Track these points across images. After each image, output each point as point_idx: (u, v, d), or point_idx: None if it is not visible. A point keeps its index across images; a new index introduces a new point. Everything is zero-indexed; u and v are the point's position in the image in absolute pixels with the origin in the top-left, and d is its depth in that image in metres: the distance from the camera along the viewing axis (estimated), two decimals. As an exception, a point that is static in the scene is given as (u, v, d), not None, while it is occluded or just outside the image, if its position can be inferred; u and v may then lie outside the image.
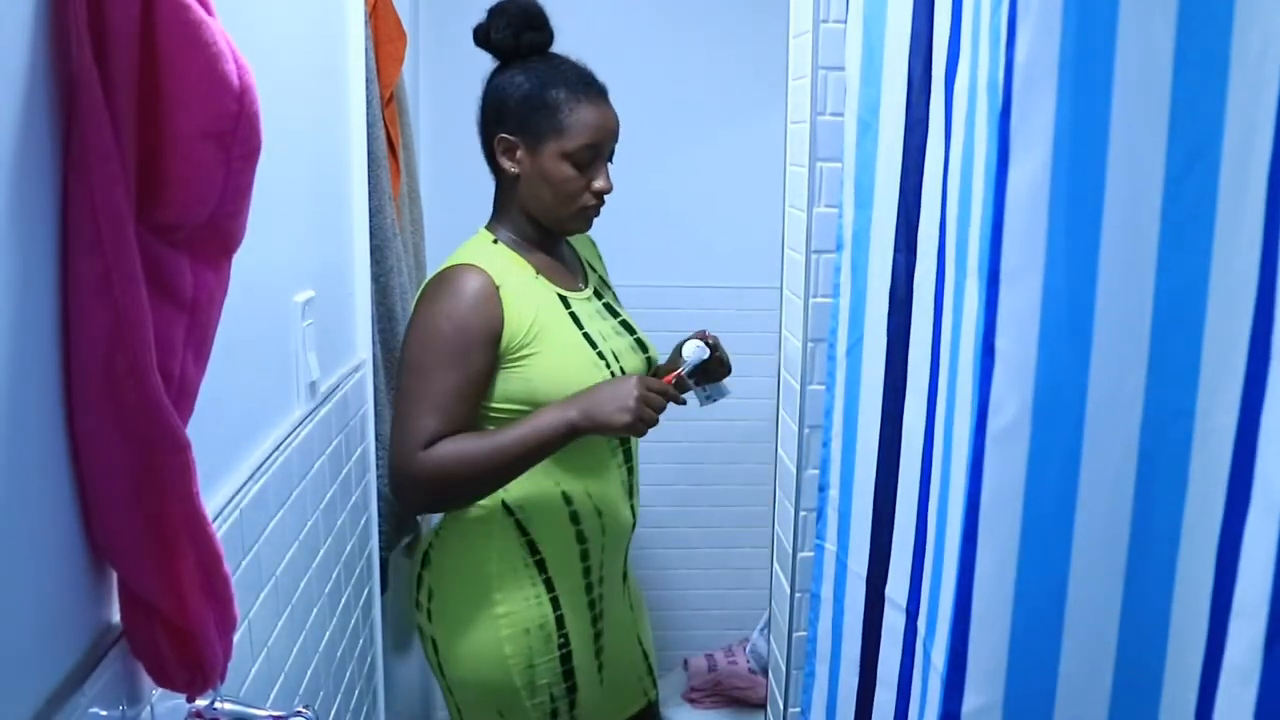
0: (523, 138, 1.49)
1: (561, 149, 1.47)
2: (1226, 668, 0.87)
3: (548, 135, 1.47)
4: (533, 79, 1.49)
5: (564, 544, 1.54)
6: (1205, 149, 0.90)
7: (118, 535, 0.64)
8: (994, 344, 0.96)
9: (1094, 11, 0.89)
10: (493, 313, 1.43)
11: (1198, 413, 0.93)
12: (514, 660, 1.52)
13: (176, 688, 0.70)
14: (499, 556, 1.52)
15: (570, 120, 1.47)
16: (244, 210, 0.68)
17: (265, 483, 1.01)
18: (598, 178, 1.50)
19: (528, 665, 1.53)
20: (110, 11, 0.55)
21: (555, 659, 1.55)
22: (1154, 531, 0.96)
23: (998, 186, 0.93)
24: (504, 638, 1.52)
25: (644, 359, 1.63)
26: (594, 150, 1.48)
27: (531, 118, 1.48)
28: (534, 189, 1.50)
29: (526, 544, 1.52)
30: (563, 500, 1.52)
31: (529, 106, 1.48)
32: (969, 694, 1.00)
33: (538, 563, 1.53)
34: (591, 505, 1.54)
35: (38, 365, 0.58)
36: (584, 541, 1.55)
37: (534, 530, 1.52)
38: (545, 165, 1.48)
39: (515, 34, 1.51)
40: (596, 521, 1.55)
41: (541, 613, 1.53)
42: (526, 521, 1.52)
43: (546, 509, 1.52)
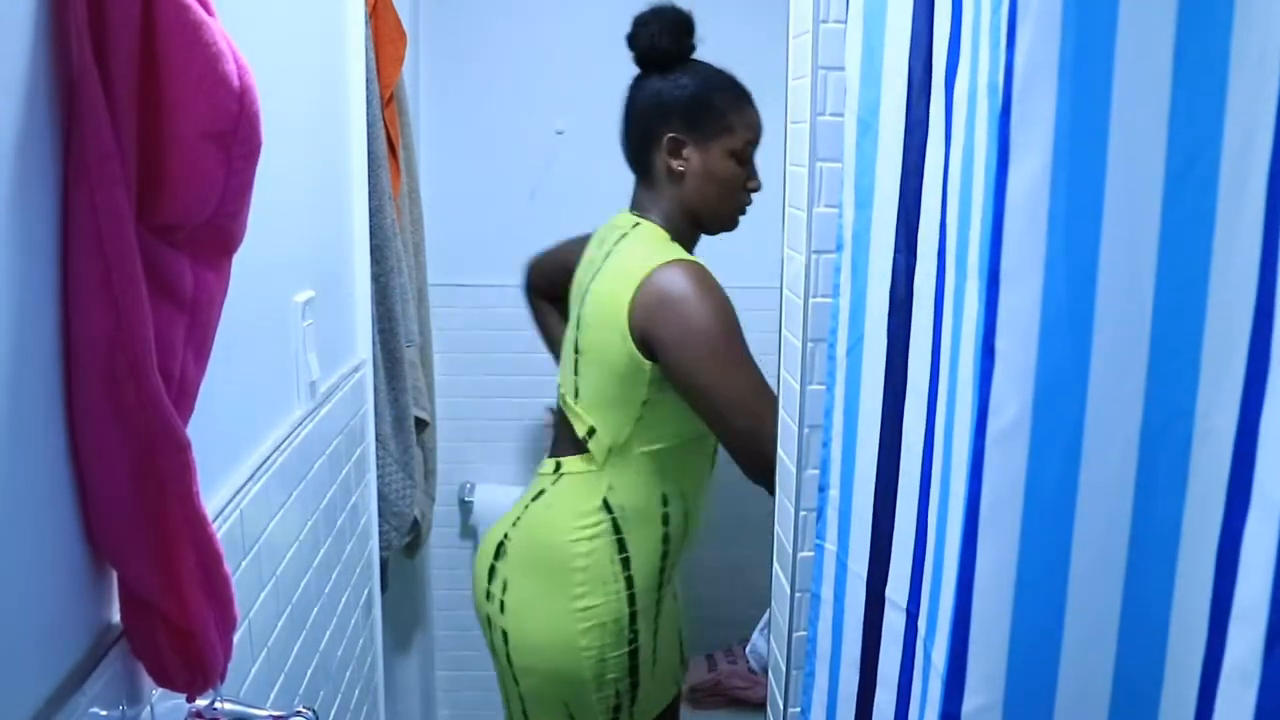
0: (691, 136, 1.59)
1: (729, 147, 1.59)
2: (1226, 670, 0.87)
3: (717, 134, 1.59)
4: (697, 82, 1.61)
5: (650, 545, 1.62)
6: (1205, 149, 0.89)
7: (118, 535, 0.64)
8: (994, 344, 0.96)
9: (1094, 12, 0.89)
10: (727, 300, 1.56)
11: (1198, 413, 0.93)
12: (587, 653, 1.58)
13: (177, 688, 0.70)
14: (589, 552, 1.58)
15: (736, 120, 1.59)
16: (244, 210, 0.68)
17: (265, 483, 1.01)
18: (753, 176, 1.63)
19: (599, 659, 1.59)
20: (110, 11, 0.55)
21: (625, 654, 1.61)
22: (1154, 532, 0.96)
23: (998, 187, 0.93)
24: (580, 630, 1.58)
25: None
26: (752, 148, 1.62)
27: (701, 117, 1.59)
28: (700, 186, 1.61)
29: (617, 542, 1.59)
30: (660, 503, 1.61)
31: (698, 107, 1.59)
32: (969, 694, 1.00)
33: (624, 560, 1.60)
34: (683, 509, 1.63)
35: (38, 365, 0.58)
36: (667, 543, 1.63)
37: (628, 531, 1.59)
38: (713, 163, 1.59)
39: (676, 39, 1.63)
40: (682, 525, 1.64)
41: (620, 609, 1.59)
42: (623, 521, 1.59)
43: (644, 512, 1.60)
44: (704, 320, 1.49)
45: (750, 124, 1.60)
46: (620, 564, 1.59)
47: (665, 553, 1.63)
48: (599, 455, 1.59)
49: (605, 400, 1.60)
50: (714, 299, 1.51)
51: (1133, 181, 0.91)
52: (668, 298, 1.49)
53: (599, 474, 1.60)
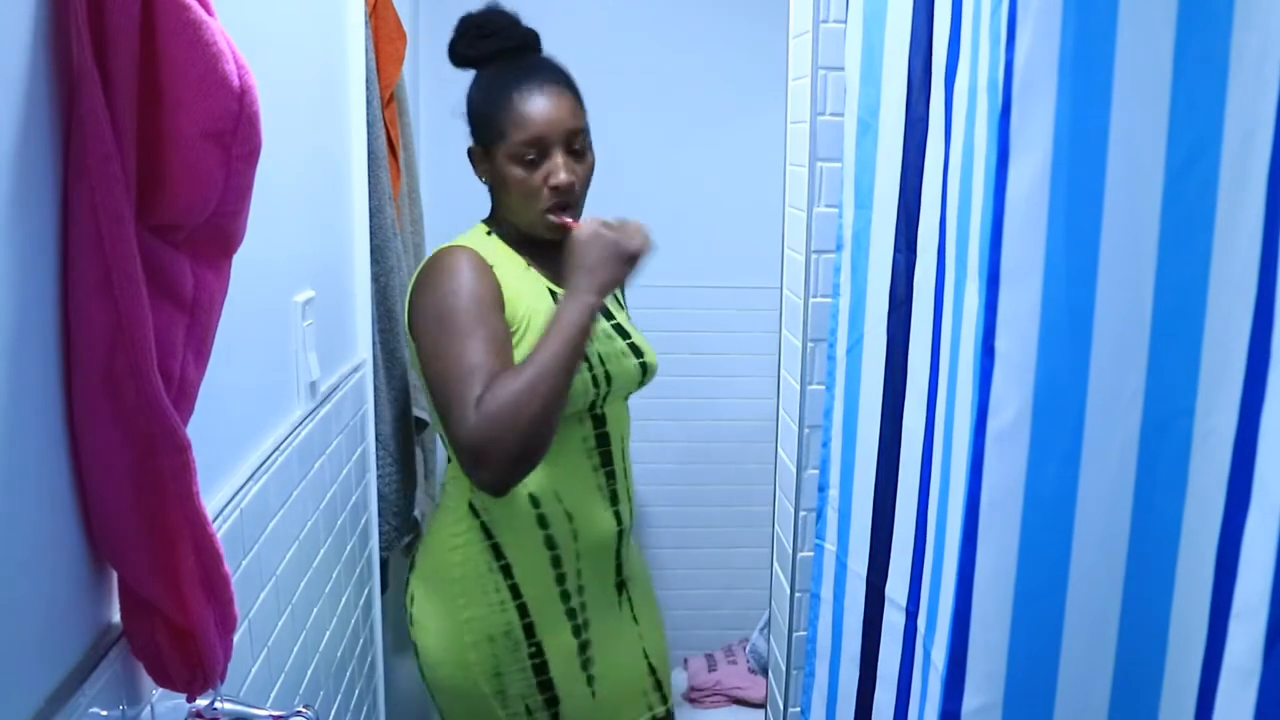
0: (482, 146, 1.48)
1: (507, 152, 1.43)
2: (1226, 668, 0.87)
3: (495, 140, 1.45)
4: (482, 87, 1.49)
5: (531, 549, 1.49)
6: (1205, 149, 0.90)
7: (118, 535, 0.64)
8: (994, 344, 0.96)
9: (1094, 11, 0.89)
10: (492, 281, 1.41)
11: (1197, 413, 0.93)
12: (479, 667, 1.48)
13: (177, 687, 0.70)
14: (464, 560, 1.49)
15: (508, 121, 1.43)
16: (244, 210, 0.68)
17: (265, 483, 1.01)
18: (554, 172, 1.43)
19: (494, 673, 1.49)
20: (110, 12, 0.55)
21: (527, 669, 1.50)
22: (1154, 531, 0.96)
23: (998, 186, 0.94)
24: (468, 644, 1.48)
25: (637, 364, 1.57)
26: (538, 145, 1.42)
27: (483, 126, 1.47)
28: (501, 196, 1.49)
29: (491, 548, 1.48)
30: (529, 503, 1.47)
31: (479, 115, 1.48)
32: (969, 694, 1.00)
33: (503, 568, 1.48)
34: (561, 509, 1.49)
35: (38, 365, 0.58)
36: (554, 548, 1.49)
37: (498, 534, 1.48)
38: (500, 171, 1.45)
39: (470, 44, 1.51)
40: (566, 526, 1.50)
41: (506, 619, 1.48)
42: (492, 525, 1.48)
43: (512, 512, 1.47)
44: (430, 297, 1.40)
45: (526, 118, 1.42)
46: (500, 572, 1.48)
47: (556, 559, 1.50)
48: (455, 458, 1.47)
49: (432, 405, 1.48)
50: (449, 279, 1.39)
51: (1133, 180, 0.91)
52: (417, 284, 1.44)
53: (461, 478, 1.47)
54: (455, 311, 1.37)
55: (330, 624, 1.29)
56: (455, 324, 1.36)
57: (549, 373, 1.29)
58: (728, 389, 2.61)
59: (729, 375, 2.60)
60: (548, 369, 1.30)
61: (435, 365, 1.36)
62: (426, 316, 1.39)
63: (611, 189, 1.82)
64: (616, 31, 2.46)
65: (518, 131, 1.42)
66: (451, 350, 1.34)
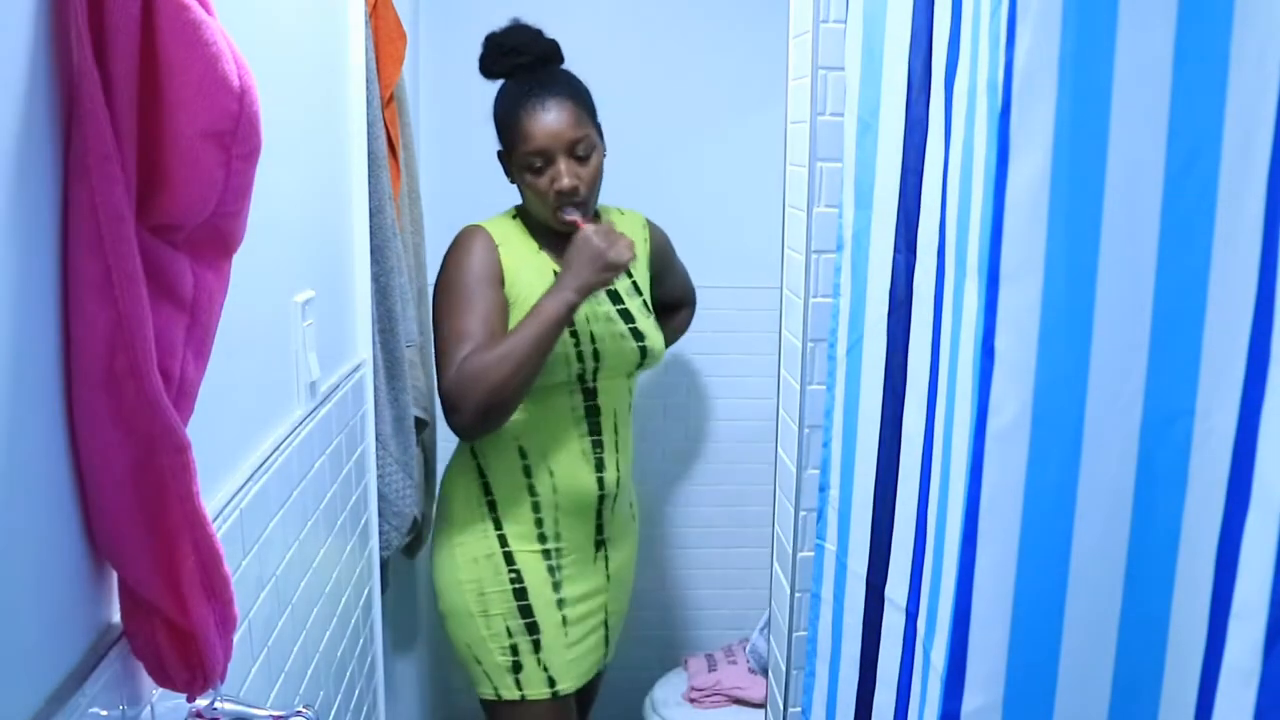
0: (508, 154, 1.71)
1: (519, 161, 1.67)
2: (1226, 669, 0.87)
3: (510, 149, 1.69)
4: (499, 101, 1.72)
5: (515, 492, 1.74)
6: (1205, 149, 0.90)
7: (118, 535, 0.64)
8: (994, 344, 0.96)
9: (1094, 12, 0.89)
10: (492, 259, 1.69)
11: (1197, 413, 0.93)
12: (468, 585, 1.74)
13: (177, 688, 0.70)
14: (458, 495, 1.77)
15: (518, 134, 1.66)
16: (244, 210, 0.68)
17: (265, 483, 1.01)
18: (557, 179, 1.65)
19: (479, 593, 1.73)
20: (110, 11, 0.55)
21: (508, 592, 1.73)
22: (1154, 532, 0.96)
23: (998, 186, 0.93)
24: (459, 564, 1.75)
25: (636, 347, 1.78)
26: (543, 156, 1.65)
27: (500, 135, 1.71)
28: (522, 194, 1.73)
29: (482, 485, 1.75)
30: (518, 454, 1.74)
31: (499, 126, 1.72)
32: (969, 694, 1.00)
33: (489, 503, 1.75)
34: (545, 466, 1.74)
35: (38, 365, 0.58)
36: (534, 495, 1.74)
37: (489, 475, 1.75)
38: (516, 175, 1.71)
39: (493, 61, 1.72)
40: (549, 481, 1.74)
41: (488, 544, 1.74)
42: (485, 467, 1.75)
43: (502, 460, 1.74)
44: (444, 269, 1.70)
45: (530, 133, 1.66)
46: (486, 505, 1.75)
47: (536, 504, 1.74)
48: None
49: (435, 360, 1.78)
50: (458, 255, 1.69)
51: (1133, 181, 0.91)
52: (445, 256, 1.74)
53: None
54: (459, 284, 1.67)
55: (330, 624, 1.29)
56: (457, 295, 1.66)
57: (517, 351, 1.58)
58: (728, 389, 2.61)
59: (729, 375, 2.60)
60: (517, 348, 1.59)
61: (439, 329, 1.68)
62: (439, 287, 1.71)
63: (612, 189, 1.82)
64: (616, 31, 2.46)
65: (525, 144, 1.66)
66: (451, 316, 1.66)
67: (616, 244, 1.62)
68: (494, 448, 1.74)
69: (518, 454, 1.74)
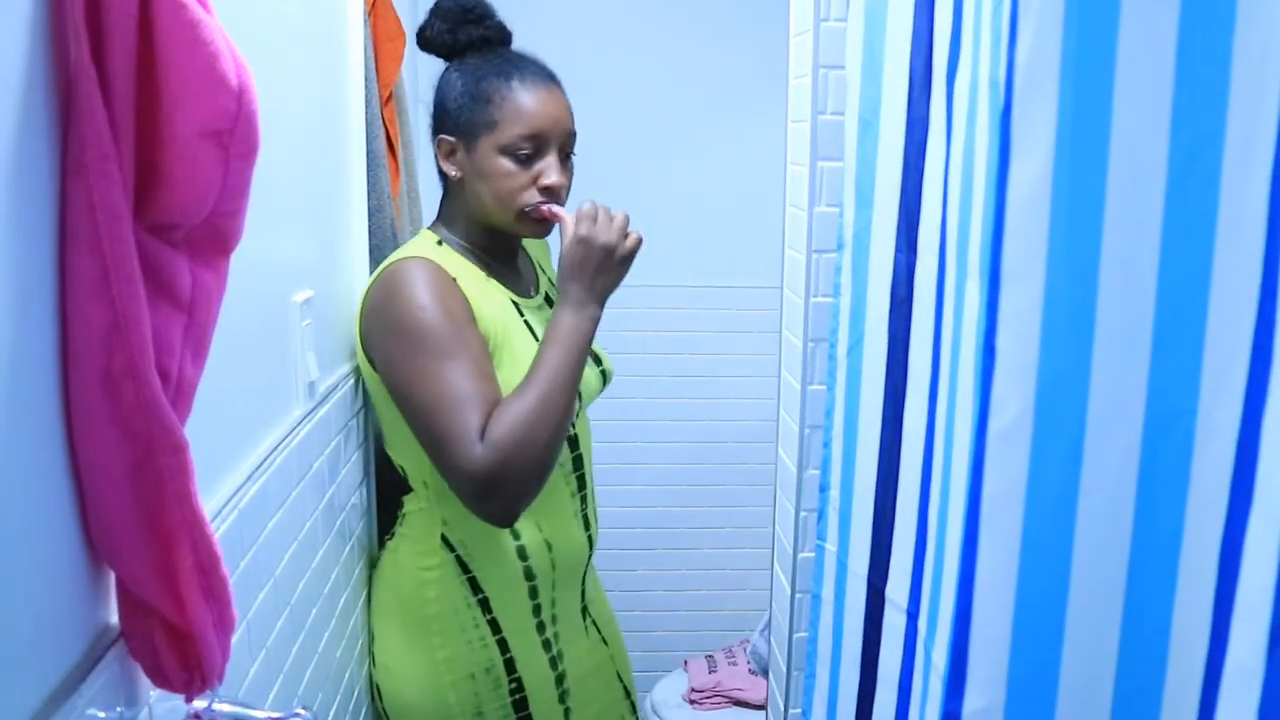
0: (460, 137, 1.39)
1: (496, 142, 1.35)
2: (1229, 669, 0.87)
3: (481, 130, 1.36)
4: (467, 74, 1.40)
5: (510, 582, 1.41)
6: (1207, 148, 0.89)
7: (116, 536, 0.64)
8: (995, 344, 0.95)
9: (1095, 10, 0.89)
10: (459, 296, 1.32)
11: (1199, 412, 0.93)
12: (460, 708, 1.41)
13: (175, 689, 0.70)
14: (438, 597, 1.40)
15: (504, 111, 1.35)
16: (242, 210, 0.67)
17: (264, 483, 1.01)
18: (547, 172, 1.36)
19: (476, 713, 1.41)
20: (108, 10, 0.55)
21: (508, 705, 1.42)
22: (1155, 532, 0.96)
23: (999, 186, 0.93)
24: (447, 685, 1.40)
25: (598, 372, 1.49)
26: (535, 141, 1.36)
27: (466, 114, 1.37)
28: (475, 190, 1.39)
29: (468, 582, 1.40)
30: (511, 535, 1.39)
31: (463, 103, 1.38)
32: (970, 695, 1.00)
33: (481, 602, 1.40)
34: (541, 539, 1.42)
35: (35, 365, 0.58)
36: (532, 579, 1.42)
37: (476, 568, 1.40)
38: (482, 164, 1.36)
39: (451, 30, 1.42)
40: (546, 557, 1.42)
41: (487, 656, 1.40)
42: (468, 558, 1.40)
43: (490, 544, 1.39)
44: (393, 317, 1.30)
45: (526, 112, 1.35)
46: (478, 607, 1.40)
47: (533, 590, 1.42)
48: (420, 491, 1.42)
49: (393, 432, 1.41)
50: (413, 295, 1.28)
51: (1135, 180, 0.91)
52: (374, 303, 1.34)
53: (431, 509, 1.41)
54: (429, 333, 1.26)
55: (329, 624, 1.29)
56: (431, 347, 1.26)
57: (556, 390, 1.25)
58: (728, 389, 2.61)
59: (729, 375, 2.60)
60: (556, 386, 1.25)
61: (417, 396, 1.26)
62: (394, 342, 1.29)
63: (612, 189, 1.81)
64: (616, 31, 2.46)
65: (514, 124, 1.35)
66: (436, 377, 1.25)
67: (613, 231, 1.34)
68: (474, 529, 1.37)
69: (510, 535, 1.39)
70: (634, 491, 2.63)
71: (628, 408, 2.53)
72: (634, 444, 2.60)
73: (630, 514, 2.64)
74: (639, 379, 2.54)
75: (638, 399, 2.55)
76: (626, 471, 2.61)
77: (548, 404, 1.24)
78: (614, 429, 1.82)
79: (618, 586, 2.68)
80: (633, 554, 2.68)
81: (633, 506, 2.64)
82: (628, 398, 2.42)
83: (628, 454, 2.59)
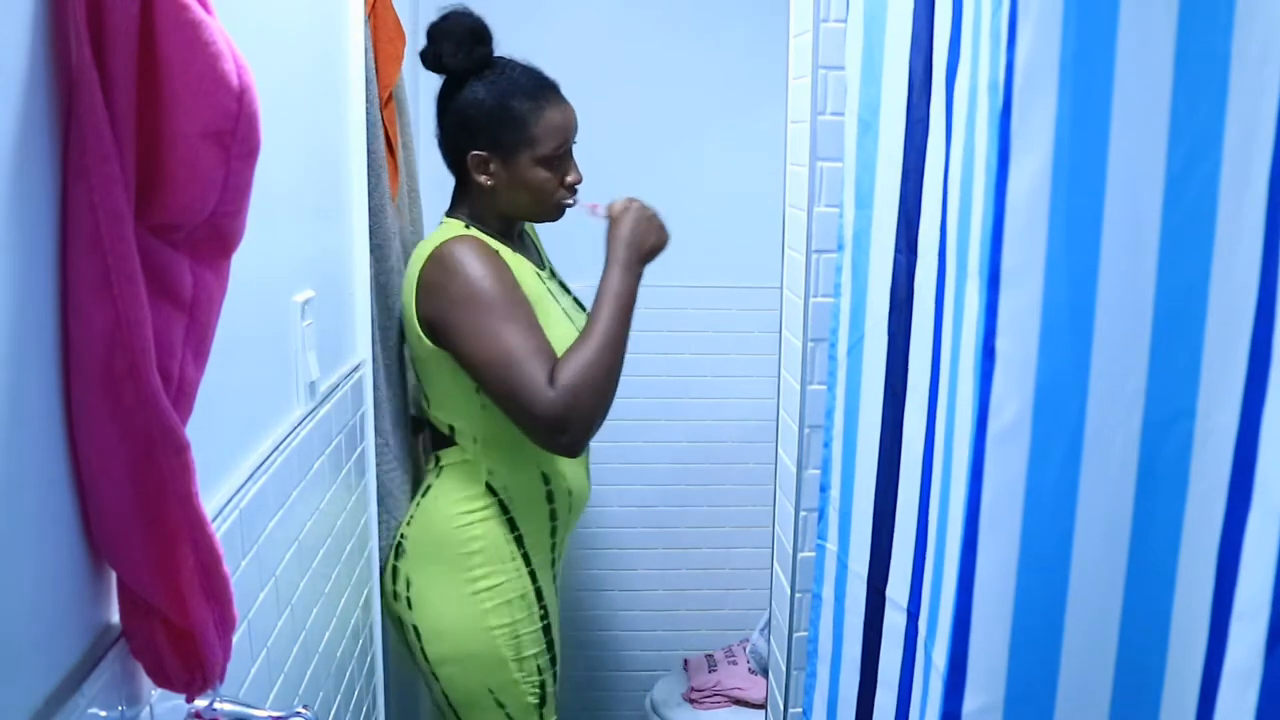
0: (495, 152, 1.58)
1: (534, 156, 1.57)
2: (1227, 670, 0.87)
3: (520, 146, 1.57)
4: (493, 93, 1.58)
5: (539, 522, 1.66)
6: (1206, 149, 0.89)
7: (117, 536, 0.64)
8: (994, 344, 0.95)
9: (1095, 12, 0.89)
10: (504, 265, 1.54)
11: (1198, 413, 0.93)
12: (500, 631, 1.61)
13: (176, 688, 0.70)
14: (483, 534, 1.61)
15: (539, 130, 1.57)
16: (243, 210, 0.67)
17: (265, 483, 1.01)
18: (569, 172, 1.62)
19: (513, 636, 1.62)
20: (109, 11, 0.55)
21: (538, 630, 1.65)
22: (1154, 532, 0.96)
23: (998, 186, 0.93)
24: (488, 610, 1.60)
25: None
26: (563, 149, 1.60)
27: (500, 132, 1.57)
28: (512, 196, 1.61)
29: (508, 522, 1.62)
30: (541, 481, 1.64)
31: (496, 121, 1.57)
32: (970, 694, 1.00)
33: (517, 539, 1.63)
34: (565, 486, 1.67)
35: (37, 365, 0.58)
36: (554, 519, 1.68)
37: (515, 510, 1.62)
38: (522, 174, 1.58)
39: (468, 53, 1.59)
40: (566, 500, 1.68)
41: (523, 584, 1.63)
42: (509, 503, 1.62)
43: (527, 490, 1.64)
44: (456, 289, 1.51)
45: (554, 128, 1.58)
46: (515, 542, 1.63)
47: (554, 529, 1.68)
48: (469, 446, 1.62)
49: (447, 398, 1.62)
50: (470, 268, 1.51)
51: (1134, 181, 0.91)
52: (431, 283, 1.53)
53: (475, 462, 1.62)
54: (492, 298, 1.49)
55: (330, 624, 1.29)
56: (495, 311, 1.48)
57: (611, 341, 1.49)
58: (728, 389, 2.61)
59: (729, 375, 2.60)
60: (610, 338, 1.49)
61: (487, 353, 1.47)
62: (459, 311, 1.50)
63: (612, 188, 1.81)
64: (616, 31, 2.46)
65: (548, 140, 1.57)
66: (502, 336, 1.47)
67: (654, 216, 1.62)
68: (517, 478, 1.63)
69: (541, 480, 1.65)
70: (634, 491, 2.63)
71: (628, 407, 2.52)
72: (634, 443, 2.60)
73: (630, 514, 2.64)
74: (639, 379, 2.53)
75: (638, 399, 2.54)
76: (627, 471, 2.61)
77: (605, 351, 1.48)
78: (614, 429, 1.82)
79: (618, 586, 2.68)
80: (633, 554, 2.68)
81: (633, 506, 2.63)
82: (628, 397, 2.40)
83: (628, 454, 2.59)
